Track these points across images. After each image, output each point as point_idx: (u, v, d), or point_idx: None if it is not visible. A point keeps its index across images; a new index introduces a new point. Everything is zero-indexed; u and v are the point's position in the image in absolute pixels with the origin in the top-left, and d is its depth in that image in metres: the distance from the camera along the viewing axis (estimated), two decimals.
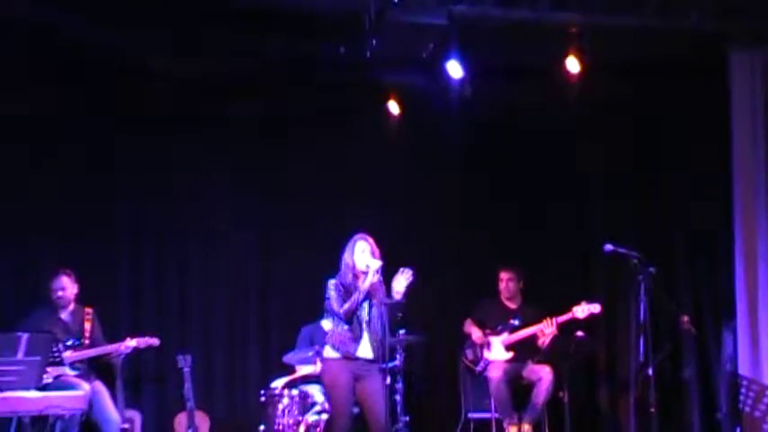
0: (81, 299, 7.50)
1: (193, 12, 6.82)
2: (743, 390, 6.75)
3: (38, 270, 7.72)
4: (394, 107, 8.28)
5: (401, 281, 6.20)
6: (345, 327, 6.26)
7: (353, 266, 6.30)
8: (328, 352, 6.37)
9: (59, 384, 7.00)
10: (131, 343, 7.32)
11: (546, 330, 7.67)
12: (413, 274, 6.20)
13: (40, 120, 7.82)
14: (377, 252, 6.30)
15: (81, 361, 7.25)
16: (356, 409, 6.50)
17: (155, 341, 7.43)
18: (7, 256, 7.79)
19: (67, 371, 7.18)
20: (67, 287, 7.38)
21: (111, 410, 7.19)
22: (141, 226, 8.26)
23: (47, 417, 6.63)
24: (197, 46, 7.37)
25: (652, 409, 6.58)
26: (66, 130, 7.93)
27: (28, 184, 7.84)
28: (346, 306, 6.21)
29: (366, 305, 6.28)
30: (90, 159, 8.03)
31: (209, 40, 7.24)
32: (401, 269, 6.21)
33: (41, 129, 7.85)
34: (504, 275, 8.00)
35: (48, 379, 7.03)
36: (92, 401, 7.07)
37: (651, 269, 6.67)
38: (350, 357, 6.23)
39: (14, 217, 7.79)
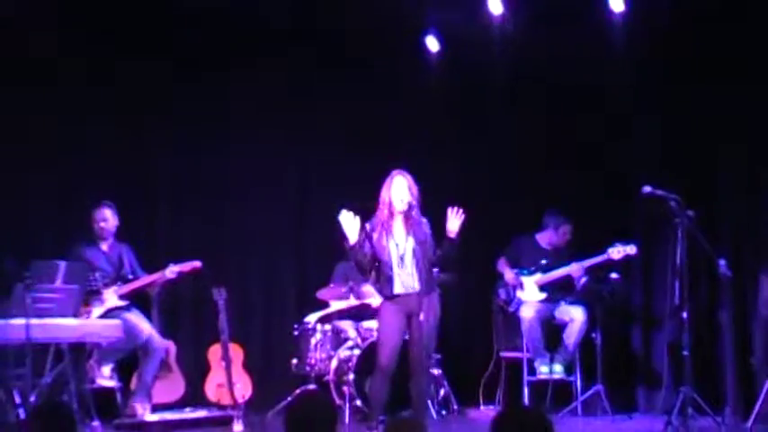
0: (120, 234, 7.59)
1: None
2: None
3: (79, 203, 7.77)
4: (433, 43, 8.20)
5: (454, 221, 6.19)
6: (380, 269, 6.26)
7: (390, 203, 6.27)
8: (371, 290, 6.40)
9: (112, 316, 7.13)
10: (175, 269, 7.41)
11: (575, 274, 7.65)
12: (463, 212, 6.17)
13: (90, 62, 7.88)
14: (414, 189, 6.26)
15: (127, 294, 7.37)
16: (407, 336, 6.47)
17: (197, 264, 7.49)
18: (48, 191, 7.84)
19: (117, 302, 7.30)
20: (109, 219, 7.48)
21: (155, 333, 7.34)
22: (180, 163, 8.28)
23: (84, 345, 6.75)
24: None
25: (685, 352, 6.57)
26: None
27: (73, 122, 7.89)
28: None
29: (394, 244, 6.25)
30: (120, 100, 8.04)
31: None
32: (451, 209, 6.18)
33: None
34: (568, 229, 7.91)
35: (100, 311, 7.16)
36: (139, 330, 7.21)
37: (689, 212, 6.60)
38: (391, 296, 6.25)
39: (55, 152, 7.85)
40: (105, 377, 7.26)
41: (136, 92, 8.04)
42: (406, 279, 6.21)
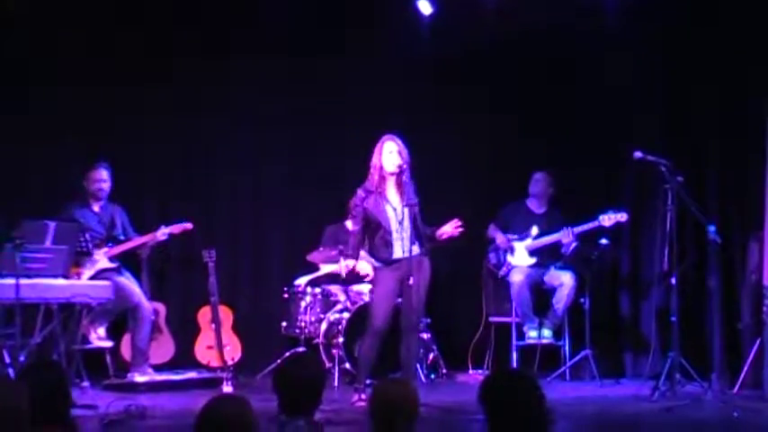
0: (111, 195, 7.57)
1: None
2: (766, 301, 6.72)
3: (69, 165, 7.76)
4: (425, 6, 8.14)
5: (448, 230, 6.29)
6: (376, 234, 6.26)
7: (381, 167, 6.28)
8: (367, 257, 6.42)
9: (103, 278, 7.12)
10: (166, 230, 7.40)
11: (564, 240, 7.66)
12: (460, 232, 6.30)
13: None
14: (405, 152, 6.26)
15: (117, 255, 7.35)
16: (399, 300, 6.52)
17: (188, 225, 7.50)
18: (39, 150, 7.80)
19: (107, 264, 7.29)
20: (107, 180, 7.44)
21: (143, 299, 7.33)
22: (171, 122, 8.21)
23: (74, 305, 6.74)
24: None
25: (673, 318, 6.60)
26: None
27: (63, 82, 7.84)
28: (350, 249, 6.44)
29: (391, 209, 6.27)
30: (120, 66, 7.97)
31: None
32: (456, 221, 6.29)
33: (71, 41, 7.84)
34: (536, 175, 7.96)
35: (90, 272, 7.15)
36: (130, 292, 7.21)
37: (679, 178, 6.61)
38: (390, 261, 6.25)
39: (48, 115, 7.79)
40: (102, 337, 7.27)
41: (132, 52, 7.98)
42: (405, 243, 6.23)
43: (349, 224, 7.72)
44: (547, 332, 7.73)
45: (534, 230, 7.84)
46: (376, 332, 6.26)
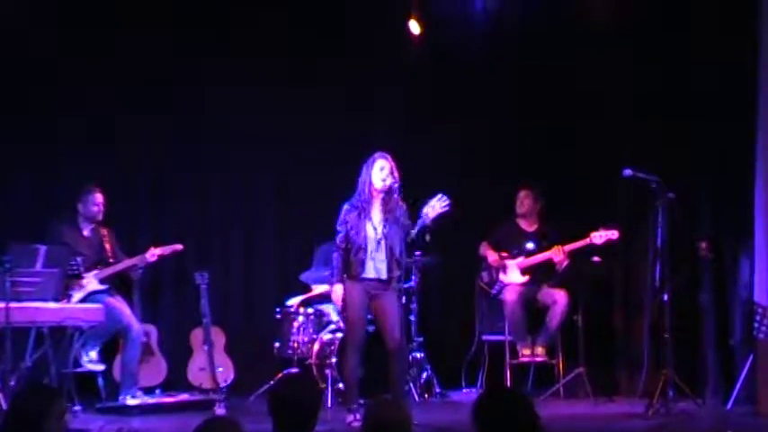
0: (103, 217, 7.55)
1: None
2: (757, 317, 6.73)
3: (61, 187, 7.74)
4: (415, 26, 8.17)
5: (435, 207, 6.20)
6: (351, 251, 6.27)
7: (370, 184, 6.29)
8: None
9: (93, 300, 7.09)
10: (156, 251, 7.38)
11: (556, 258, 7.67)
12: (448, 205, 6.21)
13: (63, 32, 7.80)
14: (396, 172, 6.28)
15: (107, 278, 7.33)
16: (371, 328, 6.56)
17: (178, 247, 7.48)
18: (30, 174, 7.78)
19: (97, 286, 7.26)
20: (102, 202, 7.42)
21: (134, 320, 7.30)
22: (161, 145, 8.19)
23: (65, 329, 6.72)
24: None
25: (666, 335, 6.60)
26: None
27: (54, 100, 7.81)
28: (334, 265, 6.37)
29: (371, 228, 6.27)
30: (116, 74, 7.95)
31: None
32: (439, 195, 6.21)
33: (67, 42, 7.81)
34: (520, 194, 7.97)
35: (80, 295, 7.12)
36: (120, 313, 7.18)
37: (670, 194, 6.63)
38: (357, 279, 6.26)
39: (39, 135, 7.77)
40: (94, 361, 7.24)
41: (129, 66, 7.97)
42: (377, 265, 6.27)
43: None
44: (540, 350, 7.73)
45: (530, 245, 7.86)
46: (356, 347, 6.31)
